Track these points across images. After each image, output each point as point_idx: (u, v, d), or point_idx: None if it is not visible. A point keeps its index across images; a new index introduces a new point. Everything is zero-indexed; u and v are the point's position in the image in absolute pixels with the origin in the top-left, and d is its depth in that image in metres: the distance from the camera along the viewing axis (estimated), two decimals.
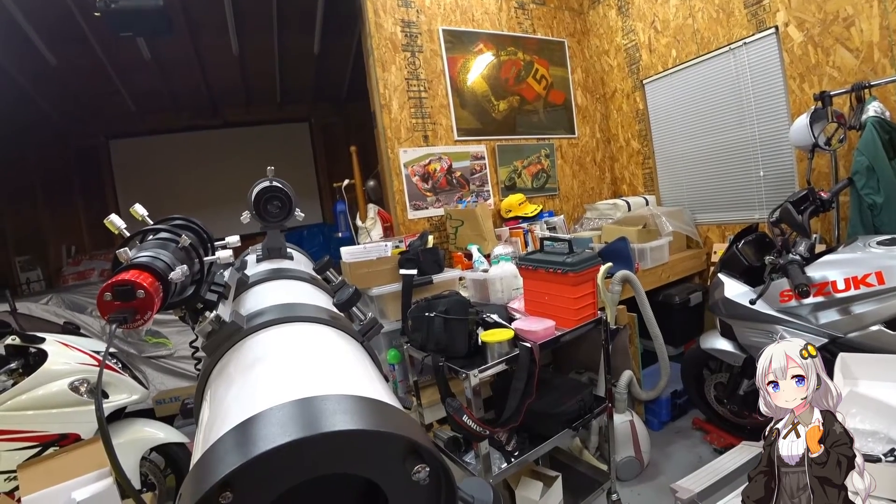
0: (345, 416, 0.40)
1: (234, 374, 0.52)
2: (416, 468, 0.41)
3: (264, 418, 0.39)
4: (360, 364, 0.54)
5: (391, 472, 0.41)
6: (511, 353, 1.58)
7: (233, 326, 0.58)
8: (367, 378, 0.51)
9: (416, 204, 2.91)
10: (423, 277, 1.93)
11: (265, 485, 0.38)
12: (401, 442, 0.41)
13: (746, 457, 1.51)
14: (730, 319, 2.21)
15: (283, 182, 0.90)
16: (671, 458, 2.50)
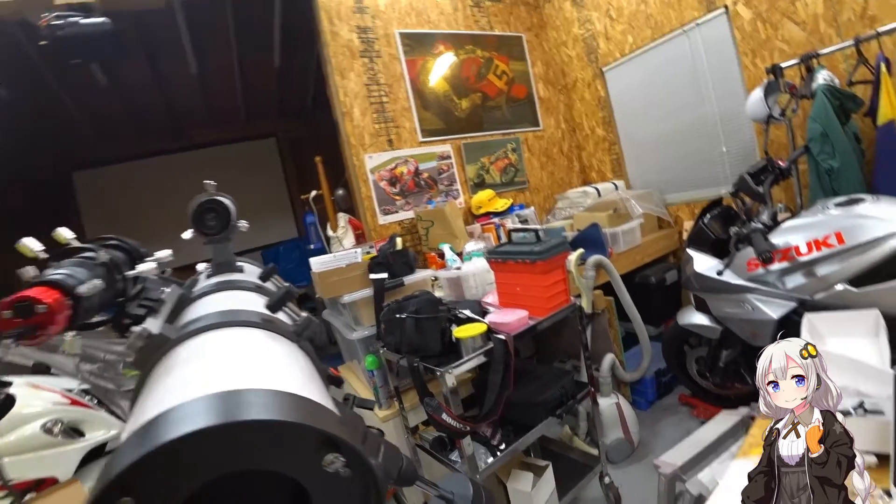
0: (254, 408, 0.39)
1: (156, 382, 0.50)
2: (328, 458, 0.39)
3: (171, 413, 0.38)
4: (286, 362, 0.53)
5: (308, 466, 0.40)
6: (485, 346, 1.57)
7: (161, 338, 0.57)
8: (291, 375, 0.50)
9: (386, 209, 2.89)
10: (395, 280, 1.92)
11: (172, 485, 0.37)
12: (312, 433, 0.40)
13: (725, 426, 1.52)
14: (702, 293, 2.24)
15: (223, 194, 0.89)
16: (661, 436, 2.51)
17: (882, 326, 1.33)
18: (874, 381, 1.08)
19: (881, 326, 1.33)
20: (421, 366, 1.55)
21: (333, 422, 0.42)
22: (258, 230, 5.94)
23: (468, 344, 1.56)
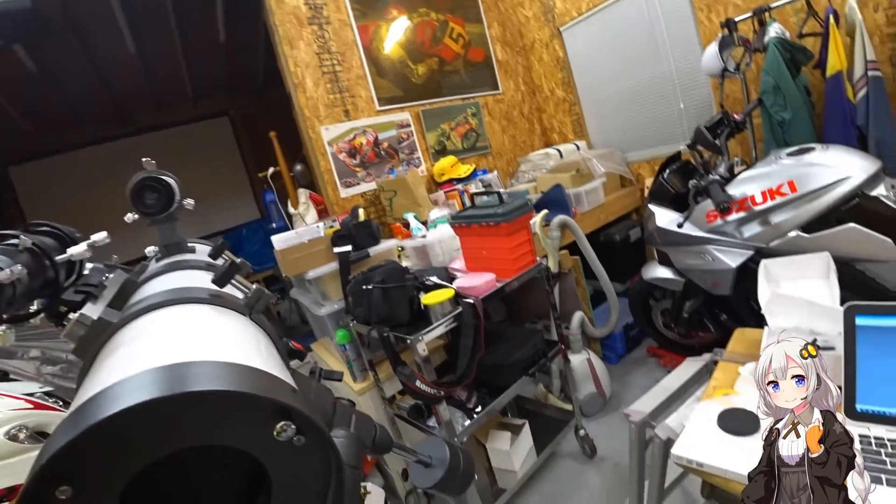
0: (200, 379, 0.36)
1: (97, 366, 0.47)
2: (279, 426, 0.38)
3: (110, 389, 0.35)
4: (236, 335, 0.51)
5: (261, 439, 0.38)
6: (454, 311, 1.57)
7: (103, 324, 0.53)
8: (241, 347, 0.47)
9: (347, 181, 2.82)
10: (360, 252, 1.89)
11: (115, 468, 0.34)
12: (262, 403, 0.38)
13: (690, 372, 1.56)
14: (665, 247, 2.29)
15: (165, 172, 0.83)
16: (631, 387, 2.60)
17: (832, 268, 1.38)
18: (826, 319, 1.13)
19: (831, 268, 1.39)
20: (391, 335, 1.54)
21: (285, 390, 0.40)
22: (218, 214, 5.74)
23: (437, 310, 1.55)
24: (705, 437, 1.01)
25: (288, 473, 0.42)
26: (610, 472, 2.08)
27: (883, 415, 0.87)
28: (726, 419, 1.03)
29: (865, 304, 0.91)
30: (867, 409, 0.89)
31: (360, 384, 1.93)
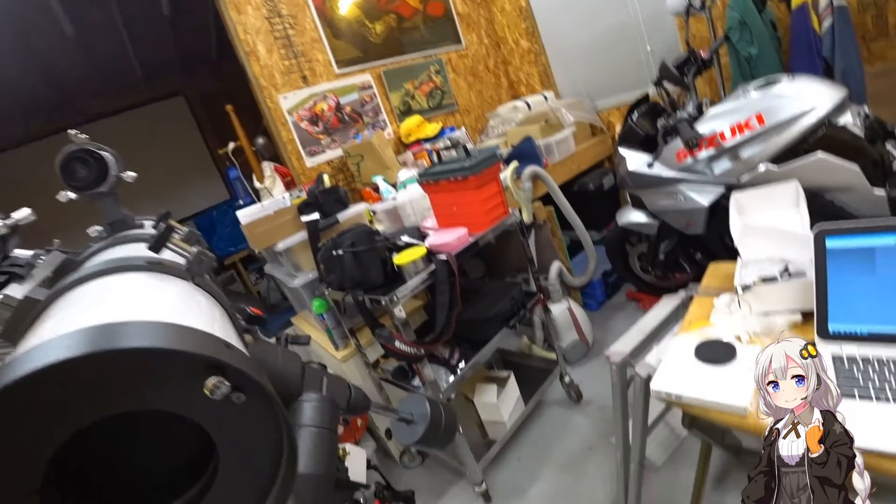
0: (126, 337, 0.33)
1: (23, 341, 0.43)
2: (210, 382, 0.35)
3: (29, 352, 0.32)
4: (173, 299, 0.47)
5: (195, 399, 0.36)
6: (428, 269, 1.55)
7: (29, 302, 0.49)
8: (177, 310, 0.44)
9: (312, 150, 2.73)
10: (328, 219, 1.83)
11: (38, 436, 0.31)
12: (194, 360, 0.35)
13: (667, 310, 1.58)
14: (637, 190, 2.28)
15: (96, 144, 0.77)
16: (613, 332, 2.64)
17: (801, 196, 1.39)
18: (797, 246, 1.13)
19: (800, 196, 1.39)
20: (366, 299, 1.51)
21: (215, 346, 0.37)
22: (186, 198, 5.55)
23: (410, 269, 1.53)
24: (683, 369, 1.02)
25: (234, 436, 0.39)
26: (596, 415, 2.13)
27: (854, 334, 0.89)
28: (702, 350, 1.04)
29: (834, 225, 0.91)
30: (839, 330, 0.91)
31: (343, 352, 1.92)
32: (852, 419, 0.74)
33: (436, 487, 2.06)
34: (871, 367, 0.81)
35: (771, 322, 1.04)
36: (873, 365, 0.82)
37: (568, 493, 1.82)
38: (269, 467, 0.42)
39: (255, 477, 0.42)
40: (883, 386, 0.77)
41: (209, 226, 5.34)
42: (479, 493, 1.86)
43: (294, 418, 0.70)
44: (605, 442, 1.95)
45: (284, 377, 0.70)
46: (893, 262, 0.85)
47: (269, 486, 0.43)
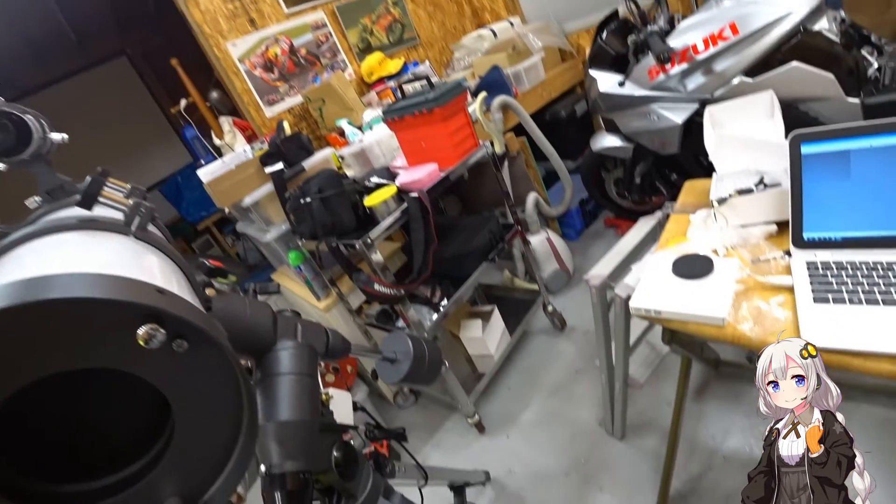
0: (54, 289, 0.30)
1: None
2: (144, 331, 0.31)
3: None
4: (107, 254, 0.43)
5: (132, 351, 0.32)
6: (400, 208, 1.51)
7: None
8: (111, 263, 0.40)
9: (270, 99, 2.59)
10: (294, 168, 1.76)
11: None
12: (129, 310, 0.31)
13: (644, 230, 1.58)
14: (610, 113, 2.23)
15: (14, 105, 0.69)
16: (593, 259, 2.65)
17: (776, 106, 1.36)
18: (772, 155, 1.12)
19: (775, 106, 1.36)
20: (340, 245, 1.47)
21: (145, 292, 0.33)
22: (147, 166, 5.23)
23: (382, 210, 1.49)
24: (661, 286, 1.02)
25: (187, 389, 0.37)
26: (581, 340, 2.18)
27: (828, 240, 0.90)
28: (680, 266, 1.04)
29: (810, 131, 0.89)
30: (813, 237, 0.91)
31: (325, 301, 1.90)
32: (828, 323, 0.75)
33: (431, 423, 2.11)
34: (844, 272, 0.82)
35: (747, 234, 1.04)
36: (846, 269, 0.83)
37: (557, 415, 1.89)
38: (230, 419, 0.40)
39: (216, 430, 0.40)
40: (856, 289, 0.78)
41: (176, 192, 5.12)
42: (473, 424, 1.91)
43: (271, 368, 0.68)
44: (591, 365, 2.01)
45: (255, 328, 0.68)
46: (868, 165, 0.85)
47: (234, 438, 0.41)
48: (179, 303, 0.34)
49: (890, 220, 0.83)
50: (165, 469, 0.39)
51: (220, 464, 0.41)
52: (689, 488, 1.44)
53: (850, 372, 0.72)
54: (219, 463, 0.41)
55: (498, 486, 1.73)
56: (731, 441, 1.50)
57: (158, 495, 0.39)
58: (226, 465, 0.41)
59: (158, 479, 0.39)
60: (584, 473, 1.63)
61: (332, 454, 0.77)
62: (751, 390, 1.61)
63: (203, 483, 0.41)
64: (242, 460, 0.41)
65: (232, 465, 0.41)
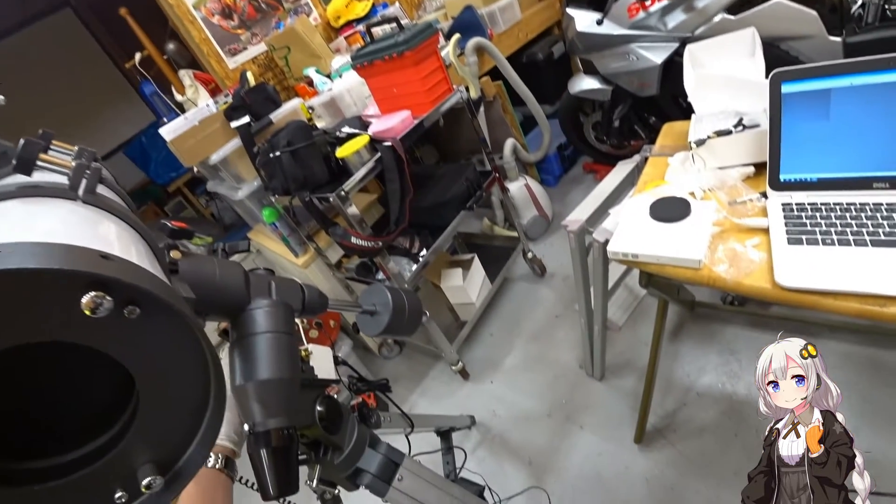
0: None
1: None
2: (87, 300, 0.29)
3: None
4: (49, 221, 0.40)
5: (80, 323, 0.30)
6: (374, 158, 1.46)
7: None
8: (51, 231, 0.37)
9: (231, 48, 2.44)
10: (261, 121, 1.67)
11: None
12: (64, 277, 0.29)
13: (622, 174, 1.57)
14: (588, 54, 2.17)
15: None
16: (572, 206, 2.61)
17: (758, 44, 1.32)
18: (752, 95, 1.10)
19: (757, 44, 1.33)
20: (313, 199, 1.43)
21: (91, 259, 0.31)
22: (107, 128, 4.89)
23: (355, 161, 1.44)
24: (639, 229, 1.02)
25: (148, 358, 0.35)
26: (560, 286, 2.21)
27: (804, 181, 0.89)
28: (657, 208, 1.04)
29: (791, 69, 0.87)
30: (790, 179, 0.91)
31: (303, 258, 1.87)
32: (801, 264, 0.76)
33: (416, 373, 2.16)
34: (818, 213, 0.83)
35: (724, 176, 1.03)
36: (821, 210, 0.83)
37: (539, 359, 1.94)
38: (197, 383, 0.39)
39: (184, 395, 0.39)
40: (829, 230, 0.79)
41: (142, 154, 4.85)
42: (457, 371, 1.95)
43: (246, 328, 0.67)
44: (570, 310, 2.05)
45: (226, 288, 0.66)
46: (848, 104, 0.83)
47: (204, 402, 0.40)
48: (127, 267, 0.32)
49: (866, 160, 0.83)
50: (135, 437, 0.37)
51: (192, 429, 0.40)
52: (665, 423, 1.50)
53: (820, 311, 0.74)
54: (190, 428, 0.40)
55: (483, 428, 1.79)
56: (705, 378, 1.56)
57: (131, 463, 0.38)
58: (198, 429, 0.40)
59: (129, 447, 0.38)
60: (566, 413, 1.69)
61: (315, 409, 0.77)
62: (724, 330, 1.67)
63: (177, 449, 0.40)
64: (213, 424, 0.41)
65: (204, 429, 0.40)
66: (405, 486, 0.83)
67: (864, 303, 0.70)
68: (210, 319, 0.66)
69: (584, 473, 1.51)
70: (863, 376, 1.38)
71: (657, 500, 1.36)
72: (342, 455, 0.79)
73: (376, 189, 2.11)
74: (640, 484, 1.41)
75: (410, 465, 0.85)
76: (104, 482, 0.38)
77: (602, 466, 1.50)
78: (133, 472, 0.38)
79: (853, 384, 1.37)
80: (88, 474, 0.37)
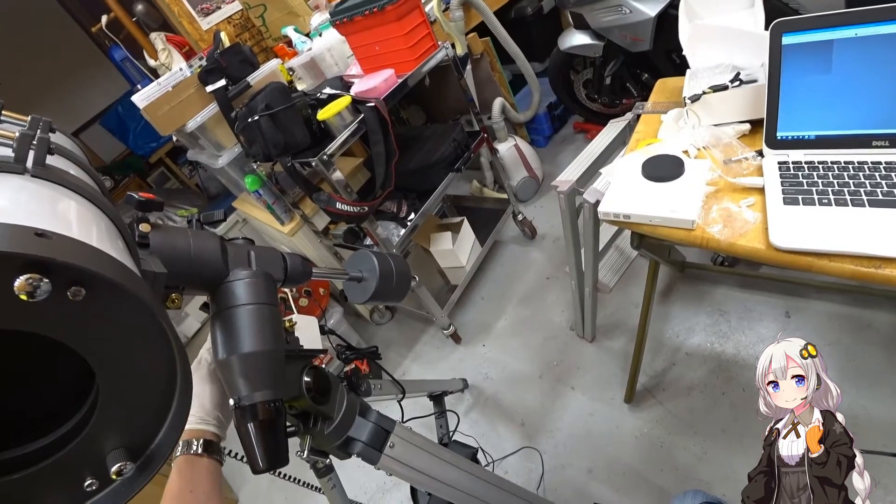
0: None
1: None
2: (20, 283, 0.26)
3: None
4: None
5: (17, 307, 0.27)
6: (357, 119, 1.40)
7: None
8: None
9: (204, 8, 2.30)
10: (239, 85, 1.59)
11: None
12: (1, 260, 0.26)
13: (614, 133, 1.53)
14: (578, 8, 2.09)
15: None
16: (562, 166, 2.58)
17: None
18: (750, 48, 1.05)
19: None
20: (295, 164, 1.39)
21: (30, 240, 0.27)
22: (82, 98, 4.64)
23: (337, 123, 1.38)
24: (630, 189, 0.99)
25: (96, 337, 0.32)
26: (551, 248, 2.20)
27: (801, 139, 0.86)
28: (649, 167, 1.01)
29: (793, 19, 0.83)
30: (787, 136, 0.88)
31: (289, 225, 1.83)
32: (796, 225, 0.74)
33: (409, 338, 2.16)
34: (815, 172, 0.80)
35: (720, 133, 1.00)
36: (818, 170, 0.81)
37: (530, 321, 1.94)
38: (162, 363, 0.36)
39: (148, 376, 0.36)
40: (826, 190, 0.77)
41: (119, 124, 4.63)
42: (449, 335, 1.96)
43: (226, 300, 0.64)
44: (561, 272, 2.04)
45: (202, 261, 0.63)
46: (851, 56, 0.80)
47: (171, 382, 0.37)
48: (66, 246, 0.29)
49: (866, 117, 0.80)
50: (100, 423, 0.35)
51: (161, 411, 0.38)
52: (655, 383, 1.52)
53: (812, 272, 0.72)
54: (159, 410, 0.38)
55: (476, 391, 1.81)
56: (694, 338, 1.58)
57: (100, 450, 0.36)
58: (168, 411, 0.38)
59: (95, 433, 0.36)
60: (557, 374, 1.71)
61: (301, 380, 0.76)
62: (713, 291, 1.67)
63: (147, 432, 0.38)
64: (183, 405, 0.38)
65: (174, 410, 0.38)
66: (397, 453, 0.82)
67: (858, 264, 0.68)
68: (188, 293, 0.64)
69: (576, 433, 1.53)
70: (848, 335, 1.39)
71: (647, 458, 1.39)
72: (332, 425, 0.79)
73: (361, 153, 2.05)
74: (631, 442, 1.43)
75: (402, 432, 0.85)
76: (72, 471, 0.36)
77: (593, 425, 1.52)
78: (102, 458, 0.36)
79: (838, 343, 1.38)
80: (54, 463, 0.36)
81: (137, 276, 0.35)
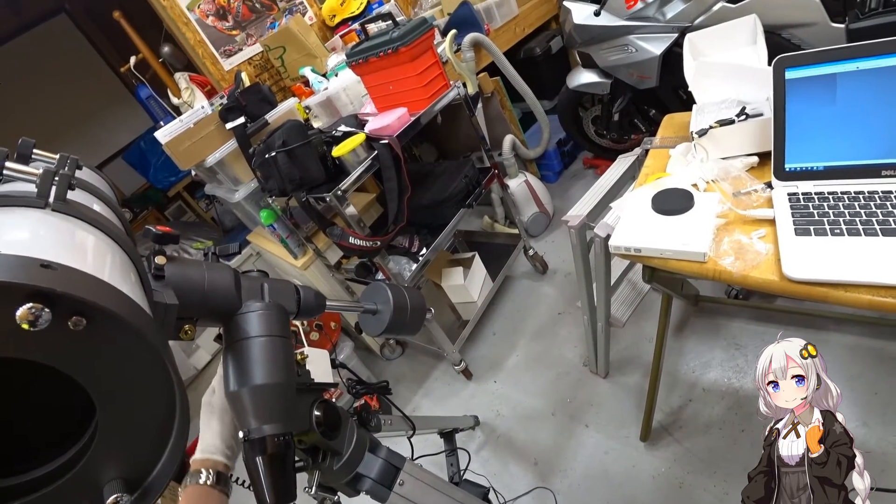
0: None
1: None
2: (22, 313, 0.27)
3: None
4: (14, 232, 0.38)
5: (21, 338, 0.28)
6: (370, 156, 1.44)
7: None
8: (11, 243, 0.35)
9: (226, 50, 2.42)
10: (257, 122, 1.65)
11: None
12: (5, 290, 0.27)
13: (623, 168, 1.54)
14: (586, 47, 2.15)
15: None
16: (572, 201, 2.61)
17: (760, 31, 1.30)
18: (754, 83, 1.07)
19: (759, 31, 1.30)
20: (310, 199, 1.41)
21: (35, 271, 0.28)
22: (106, 133, 4.85)
23: (351, 160, 1.42)
24: (641, 223, 1.00)
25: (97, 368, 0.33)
26: (563, 282, 2.18)
27: (810, 170, 0.87)
28: (659, 201, 1.01)
29: (796, 54, 0.85)
30: (795, 167, 0.88)
31: (302, 259, 1.85)
32: (809, 255, 0.74)
33: (419, 373, 2.14)
34: (826, 203, 0.80)
35: (728, 166, 1.01)
36: (828, 200, 0.81)
37: (542, 357, 1.91)
38: (161, 395, 0.37)
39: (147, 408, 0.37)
40: (837, 220, 0.76)
41: (141, 159, 4.81)
42: (460, 371, 1.93)
43: (239, 332, 0.65)
44: (573, 307, 2.02)
45: (216, 293, 0.64)
46: (855, 89, 0.81)
47: (170, 415, 0.38)
48: (69, 277, 0.30)
49: (874, 147, 0.81)
50: (98, 453, 0.36)
51: (160, 443, 0.38)
52: (671, 420, 1.48)
53: (828, 303, 0.71)
54: (158, 442, 0.38)
55: (487, 428, 1.77)
56: (711, 374, 1.54)
57: (97, 480, 0.36)
58: (166, 444, 0.38)
59: (93, 464, 0.36)
60: (570, 412, 1.67)
61: (311, 414, 0.75)
62: (729, 324, 1.64)
63: (145, 464, 0.38)
64: (181, 438, 0.38)
65: (172, 443, 0.38)
66: (406, 491, 0.81)
67: (875, 294, 0.67)
68: (202, 325, 0.65)
69: (591, 472, 1.49)
70: (870, 368, 1.35)
71: (666, 499, 1.34)
72: (341, 460, 0.77)
73: (374, 188, 2.09)
74: (648, 482, 1.39)
75: (412, 469, 0.83)
76: (70, 500, 0.36)
77: (608, 465, 1.48)
78: (99, 488, 0.36)
79: (861, 377, 1.34)
80: (52, 492, 0.36)
81: (140, 308, 0.35)
